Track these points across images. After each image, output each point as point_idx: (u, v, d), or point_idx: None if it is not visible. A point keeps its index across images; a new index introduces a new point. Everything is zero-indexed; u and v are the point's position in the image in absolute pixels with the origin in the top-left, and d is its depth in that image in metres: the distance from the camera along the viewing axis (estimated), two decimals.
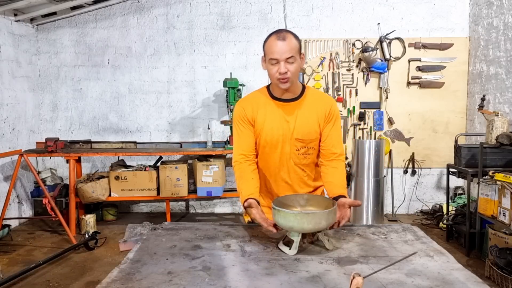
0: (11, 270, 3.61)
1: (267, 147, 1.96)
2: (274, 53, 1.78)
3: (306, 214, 1.55)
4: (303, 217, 1.53)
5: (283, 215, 1.55)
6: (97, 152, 4.76)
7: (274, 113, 1.93)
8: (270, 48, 1.80)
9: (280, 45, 1.77)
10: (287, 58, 1.78)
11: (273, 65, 1.81)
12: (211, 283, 1.32)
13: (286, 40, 1.77)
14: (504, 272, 3.16)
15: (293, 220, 1.53)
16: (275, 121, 1.92)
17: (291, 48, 1.78)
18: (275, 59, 1.79)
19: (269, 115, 1.93)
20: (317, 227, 1.55)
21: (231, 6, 5.36)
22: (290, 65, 1.80)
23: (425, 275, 1.38)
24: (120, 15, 5.39)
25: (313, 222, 1.52)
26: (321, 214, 1.55)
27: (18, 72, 5.05)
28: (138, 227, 4.14)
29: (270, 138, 1.94)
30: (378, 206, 4.90)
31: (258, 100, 1.97)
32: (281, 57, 1.77)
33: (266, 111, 1.94)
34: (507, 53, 4.44)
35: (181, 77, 5.45)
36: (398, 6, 5.30)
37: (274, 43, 1.78)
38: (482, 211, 3.70)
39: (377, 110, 5.33)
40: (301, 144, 1.95)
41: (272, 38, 1.80)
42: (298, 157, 1.98)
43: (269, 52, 1.80)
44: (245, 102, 2.00)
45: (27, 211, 5.19)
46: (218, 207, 5.64)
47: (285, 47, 1.77)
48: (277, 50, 1.77)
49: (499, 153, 3.93)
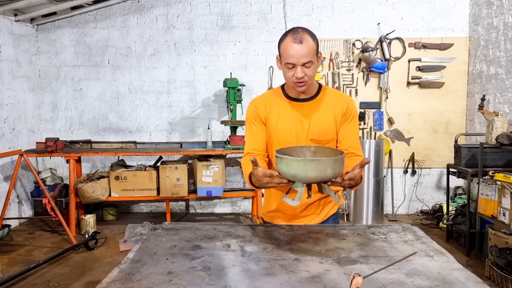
0: (11, 270, 3.61)
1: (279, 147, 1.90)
2: (291, 58, 1.69)
3: (310, 160, 1.43)
4: (307, 163, 1.41)
5: (286, 162, 1.45)
6: (97, 152, 4.76)
7: (288, 113, 1.87)
8: (286, 51, 1.70)
9: (296, 49, 1.67)
10: (304, 63, 1.70)
11: (290, 69, 1.72)
12: (211, 283, 1.32)
13: (304, 43, 1.67)
14: (504, 272, 3.17)
15: (297, 167, 1.42)
16: (289, 121, 1.86)
17: (308, 52, 1.68)
18: (291, 64, 1.70)
19: (283, 116, 1.87)
20: (322, 175, 1.43)
21: (231, 6, 5.36)
22: (308, 69, 1.71)
23: (425, 275, 1.38)
24: (120, 15, 5.39)
25: (317, 170, 1.41)
26: (326, 161, 1.42)
27: (18, 72, 5.05)
28: (138, 227, 4.14)
29: (283, 139, 1.87)
30: (378, 206, 4.90)
31: (272, 100, 1.90)
32: (298, 61, 1.69)
33: (280, 111, 1.87)
34: (507, 53, 4.44)
35: (181, 77, 5.45)
36: (398, 6, 5.30)
37: (290, 46, 1.69)
38: (482, 211, 3.70)
39: (377, 110, 5.33)
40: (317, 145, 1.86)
41: (289, 40, 1.70)
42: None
43: (285, 55, 1.71)
44: (258, 101, 1.92)
45: (27, 211, 5.20)
46: (218, 207, 5.64)
47: (302, 51, 1.67)
48: (294, 54, 1.68)
49: (499, 153, 3.93)
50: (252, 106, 1.92)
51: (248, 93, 5.34)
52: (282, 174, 1.49)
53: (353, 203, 5.01)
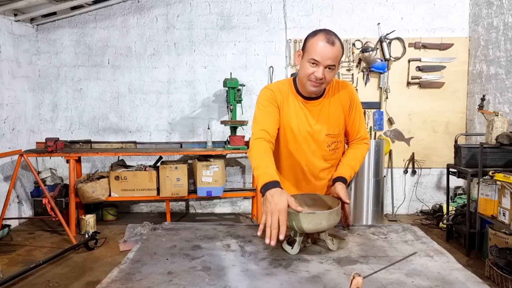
0: (11, 270, 3.61)
1: (290, 144, 1.90)
2: (318, 55, 1.69)
3: (306, 214, 1.55)
4: (303, 217, 1.52)
5: None
6: (97, 152, 4.76)
7: (302, 110, 1.87)
8: (315, 47, 1.69)
9: (327, 49, 1.68)
10: (329, 65, 1.71)
11: (312, 66, 1.72)
12: (211, 283, 1.32)
13: (335, 45, 1.69)
14: (504, 272, 3.16)
15: (293, 220, 1.53)
16: (303, 118, 1.87)
17: (335, 56, 1.70)
18: (316, 61, 1.70)
19: (297, 111, 1.87)
20: (318, 228, 1.54)
21: (231, 6, 5.36)
22: (328, 73, 1.73)
23: (425, 275, 1.38)
24: (120, 15, 5.39)
25: (313, 222, 1.52)
26: (321, 214, 1.54)
27: (18, 72, 5.05)
28: (138, 227, 4.14)
29: (293, 135, 1.88)
30: (378, 206, 4.90)
31: (286, 93, 1.89)
32: (324, 62, 1.69)
33: (294, 106, 1.87)
34: (507, 53, 4.44)
35: (181, 77, 5.45)
36: (398, 6, 5.30)
37: (321, 44, 1.68)
38: (482, 211, 3.70)
39: (377, 110, 5.33)
40: (332, 139, 1.90)
41: (321, 38, 1.70)
42: (329, 153, 1.93)
43: (313, 51, 1.70)
44: (274, 88, 1.89)
45: (27, 211, 5.19)
46: (218, 207, 5.64)
47: (331, 53, 1.69)
48: (323, 53, 1.68)
49: (499, 153, 3.93)
50: (268, 90, 1.89)
51: (248, 93, 5.34)
52: None
53: (353, 203, 5.00)
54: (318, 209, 1.73)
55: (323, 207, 1.73)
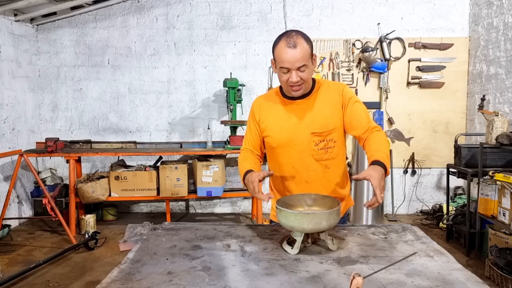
0: (11, 270, 3.61)
1: (277, 147, 1.91)
2: (285, 62, 1.70)
3: (306, 214, 1.55)
4: (303, 217, 1.53)
5: (284, 215, 1.56)
6: (97, 152, 4.76)
7: (283, 113, 1.88)
8: (280, 56, 1.71)
9: (290, 54, 1.68)
10: (299, 67, 1.70)
11: (285, 73, 1.74)
12: (211, 283, 1.32)
13: (297, 47, 1.68)
14: (504, 272, 3.16)
15: (294, 220, 1.53)
16: (284, 121, 1.87)
17: (302, 56, 1.69)
18: (286, 68, 1.72)
19: (278, 115, 1.89)
20: (318, 228, 1.54)
21: (231, 6, 5.36)
22: (302, 73, 1.73)
23: (425, 275, 1.38)
24: (120, 15, 5.39)
25: (313, 223, 1.52)
26: (321, 214, 1.54)
27: (18, 72, 5.05)
28: (138, 227, 4.14)
29: (279, 138, 1.88)
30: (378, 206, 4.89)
31: (270, 100, 1.94)
32: (293, 66, 1.70)
33: (276, 111, 1.90)
34: (507, 53, 4.44)
35: (181, 77, 5.45)
36: (398, 6, 5.30)
37: (284, 51, 1.69)
38: (482, 211, 3.70)
39: (377, 110, 5.33)
40: (318, 138, 1.86)
41: (282, 45, 1.71)
42: (318, 153, 1.87)
43: (279, 60, 1.72)
44: (257, 101, 1.99)
45: (27, 211, 5.20)
46: (218, 207, 5.64)
47: (296, 55, 1.68)
48: (288, 59, 1.69)
49: (499, 153, 3.93)
50: (252, 105, 2.00)
51: (248, 93, 5.34)
52: (281, 224, 1.61)
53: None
54: (318, 209, 1.73)
55: (323, 207, 1.73)
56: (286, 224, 1.57)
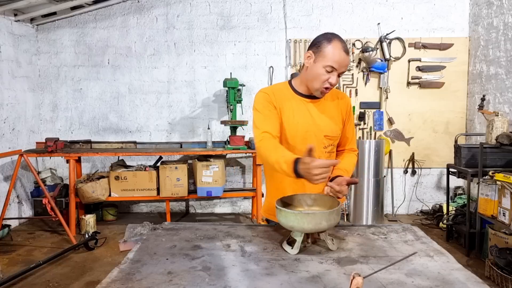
0: (11, 270, 3.61)
1: (292, 143, 1.87)
2: (335, 63, 1.72)
3: (306, 214, 1.55)
4: (303, 217, 1.53)
5: (284, 215, 1.56)
6: (97, 152, 4.76)
7: (301, 109, 1.87)
8: (333, 55, 1.72)
9: (343, 57, 1.73)
10: (342, 72, 1.77)
11: (328, 72, 1.75)
12: (211, 283, 1.32)
13: (348, 54, 1.77)
14: (504, 272, 3.17)
15: (293, 220, 1.53)
16: (302, 117, 1.86)
17: (348, 64, 1.78)
18: (334, 68, 1.73)
19: (296, 111, 1.86)
20: (318, 228, 1.54)
21: (231, 6, 5.36)
22: (338, 78, 1.79)
23: (425, 275, 1.38)
24: (120, 15, 5.39)
25: (313, 223, 1.52)
26: (321, 214, 1.54)
27: (18, 72, 5.05)
28: (138, 227, 4.14)
29: (294, 132, 1.85)
30: (378, 206, 4.90)
31: (282, 93, 1.89)
32: (340, 69, 1.75)
33: (292, 105, 1.87)
34: (507, 53, 4.44)
35: (181, 77, 5.45)
36: (398, 6, 5.30)
37: (339, 53, 1.72)
38: (482, 211, 3.70)
39: (377, 110, 5.33)
40: (329, 141, 1.89)
41: (338, 45, 1.73)
42: (325, 155, 1.90)
43: (330, 58, 1.72)
44: (269, 90, 1.88)
45: (27, 211, 5.19)
46: (218, 207, 5.64)
47: (347, 61, 1.76)
48: (340, 61, 1.73)
49: (499, 153, 3.93)
50: (264, 93, 1.88)
51: (248, 93, 5.34)
52: (281, 224, 1.61)
53: (353, 203, 5.01)
54: (318, 209, 1.73)
55: (323, 207, 1.73)
56: (286, 224, 1.57)
